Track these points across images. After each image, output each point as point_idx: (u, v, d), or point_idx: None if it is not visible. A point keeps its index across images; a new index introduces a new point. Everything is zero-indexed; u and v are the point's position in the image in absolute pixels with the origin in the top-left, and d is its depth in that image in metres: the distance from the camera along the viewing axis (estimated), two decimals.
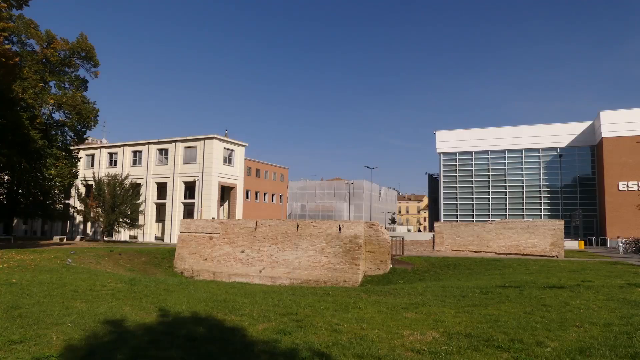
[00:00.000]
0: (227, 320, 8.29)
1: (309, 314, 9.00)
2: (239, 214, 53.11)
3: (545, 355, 5.79)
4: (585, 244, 45.52)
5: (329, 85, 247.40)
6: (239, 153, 53.72)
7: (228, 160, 51.94)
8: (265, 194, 62.47)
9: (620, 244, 36.18)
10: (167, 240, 49.34)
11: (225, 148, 51.40)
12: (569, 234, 46.91)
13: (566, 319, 8.09)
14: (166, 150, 52.27)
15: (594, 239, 50.24)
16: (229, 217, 52.25)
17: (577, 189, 58.16)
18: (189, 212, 50.72)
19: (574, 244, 40.26)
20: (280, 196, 66.64)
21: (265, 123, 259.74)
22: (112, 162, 55.52)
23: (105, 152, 56.47)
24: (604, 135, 52.60)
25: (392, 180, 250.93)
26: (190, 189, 51.28)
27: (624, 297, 10.69)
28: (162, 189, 52.56)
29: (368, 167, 73.35)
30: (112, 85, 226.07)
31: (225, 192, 53.36)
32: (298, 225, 26.16)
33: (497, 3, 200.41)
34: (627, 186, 50.71)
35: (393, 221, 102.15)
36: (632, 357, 5.64)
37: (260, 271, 26.01)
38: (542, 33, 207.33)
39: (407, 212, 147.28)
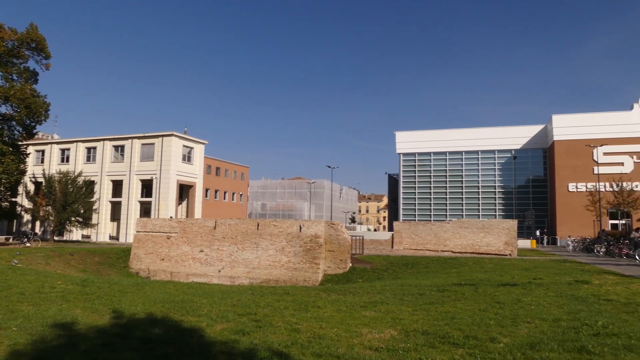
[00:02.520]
0: (185, 321, 8.12)
1: (268, 313, 8.94)
2: (198, 213, 52.23)
3: (498, 350, 5.95)
4: (537, 243, 47.34)
5: (290, 83, 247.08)
6: (199, 151, 52.81)
7: (187, 158, 50.97)
8: (225, 193, 61.69)
9: (569, 243, 37.80)
10: (122, 239, 47.91)
11: (184, 146, 50.40)
12: (522, 233, 48.67)
13: (518, 315, 8.36)
14: (122, 146, 50.74)
15: (545, 237, 52.32)
16: (187, 216, 51.27)
17: (530, 190, 60.42)
18: (145, 210, 49.43)
19: (526, 243, 41.78)
20: (241, 195, 65.99)
21: (227, 121, 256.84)
22: (64, 159, 53.37)
23: (56, 148, 54.22)
24: (555, 138, 54.91)
25: (352, 179, 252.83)
26: (147, 187, 49.99)
27: (572, 294, 11.17)
28: (117, 186, 50.99)
29: (329, 167, 73.88)
30: (65, 78, 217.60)
31: (184, 191, 52.35)
32: (258, 225, 25.97)
33: (458, 7, 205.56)
34: (577, 187, 53.15)
35: (353, 220, 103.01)
36: (578, 350, 5.88)
37: (219, 271, 25.64)
38: (500, 38, 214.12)
39: (367, 211, 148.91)
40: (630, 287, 12.50)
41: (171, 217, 41.72)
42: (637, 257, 23.62)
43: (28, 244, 32.57)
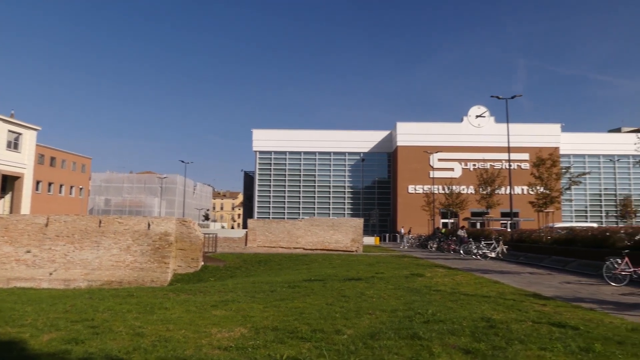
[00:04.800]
0: (2, 334, 7.03)
1: (107, 318, 8.20)
2: (26, 208, 46.04)
3: (342, 342, 6.24)
4: (381, 240, 51.43)
5: (141, 71, 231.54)
6: (29, 137, 46.59)
7: (13, 145, 44.61)
8: (61, 186, 55.55)
9: (405, 240, 41.73)
10: None
11: (9, 131, 44.01)
12: (367, 230, 52.41)
13: (361, 308, 8.89)
14: None
15: (387, 235, 57.06)
16: (11, 212, 44.90)
17: (376, 191, 65.43)
18: None
19: (370, 240, 45.11)
20: (81, 189, 60.07)
21: (66, 107, 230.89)
22: None
23: None
24: (399, 144, 60.33)
25: (207, 176, 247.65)
26: None
27: (408, 286, 12.28)
28: None
29: (183, 162, 70.93)
30: None
31: (9, 182, 45.68)
32: (100, 221, 23.82)
33: (318, 8, 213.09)
34: (415, 189, 59.12)
35: (207, 218, 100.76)
36: (411, 337, 6.45)
37: (51, 274, 22.93)
38: (355, 43, 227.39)
39: (222, 208, 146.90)
40: (455, 279, 14.23)
41: None
42: (461, 251, 26.99)
43: None
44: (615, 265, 13.43)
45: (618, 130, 77.11)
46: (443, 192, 45.24)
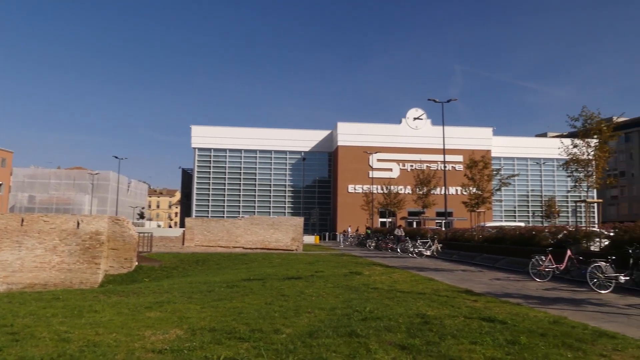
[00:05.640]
0: None
1: (29, 324, 7.66)
2: None
3: (280, 341, 6.20)
4: (321, 239, 51.76)
5: (71, 58, 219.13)
6: None
7: None
8: None
9: (343, 238, 42.34)
10: None
11: None
12: (308, 229, 52.59)
13: (301, 307, 8.89)
14: None
15: (327, 234, 57.54)
16: None
17: (316, 190, 65.83)
18: None
19: (310, 239, 45.34)
20: (1, 185, 55.99)
21: None
22: None
23: None
24: (339, 143, 61.01)
25: (143, 173, 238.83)
26: None
27: (347, 284, 12.43)
28: None
29: (116, 157, 68.00)
30: None
31: None
32: (23, 220, 22.33)
33: (270, 6, 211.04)
34: (355, 189, 60.05)
35: (142, 216, 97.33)
36: (349, 335, 6.52)
37: None
38: (300, 42, 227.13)
39: (158, 207, 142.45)
40: (392, 276, 14.56)
41: None
42: (398, 250, 27.72)
43: None
44: (540, 262, 14.26)
45: (544, 135, 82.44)
46: (382, 192, 46.23)
